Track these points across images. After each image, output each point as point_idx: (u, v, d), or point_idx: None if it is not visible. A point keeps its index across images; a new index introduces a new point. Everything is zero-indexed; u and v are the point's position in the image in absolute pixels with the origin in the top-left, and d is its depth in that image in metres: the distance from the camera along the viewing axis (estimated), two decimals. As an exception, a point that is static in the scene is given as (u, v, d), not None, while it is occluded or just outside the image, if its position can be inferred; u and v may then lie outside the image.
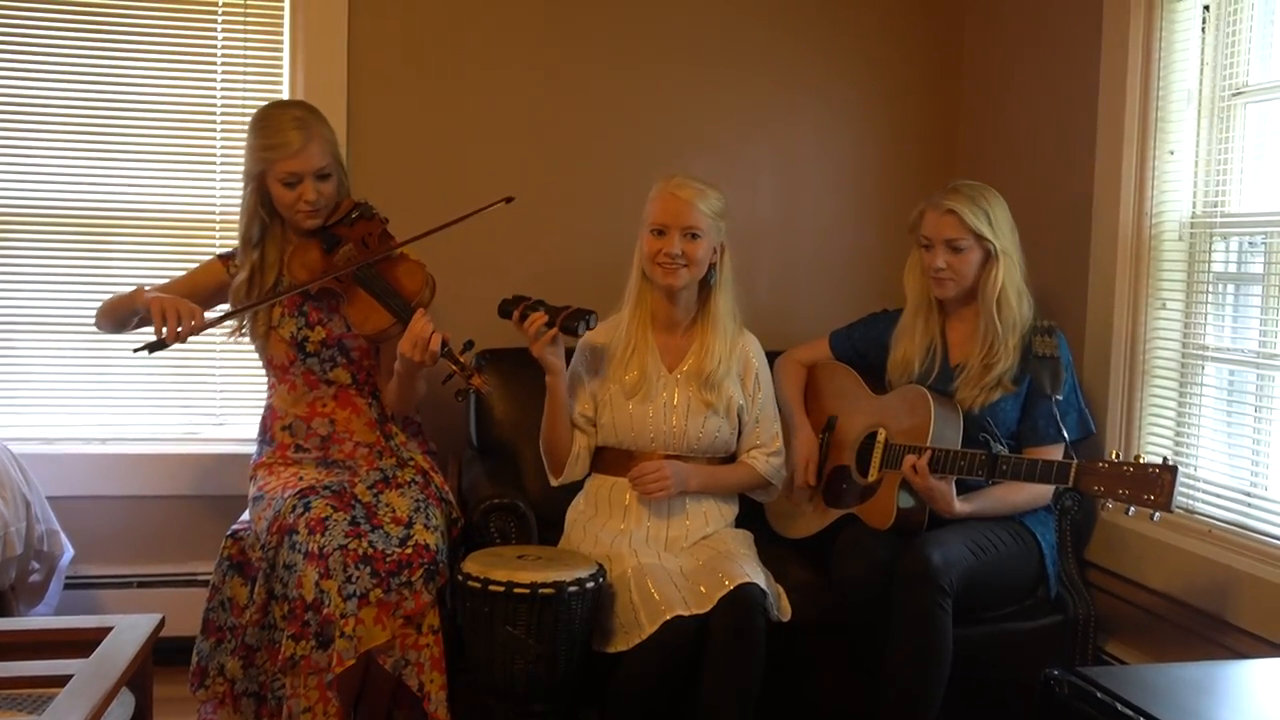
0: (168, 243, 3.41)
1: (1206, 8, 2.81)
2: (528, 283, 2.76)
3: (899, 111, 3.72)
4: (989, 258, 2.77)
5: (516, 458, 3.15)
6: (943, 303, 2.88)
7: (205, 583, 2.76)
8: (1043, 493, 2.78)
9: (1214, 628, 2.66)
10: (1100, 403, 3.00)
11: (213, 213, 3.43)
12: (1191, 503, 2.82)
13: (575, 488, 2.88)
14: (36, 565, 3.01)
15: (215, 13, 3.38)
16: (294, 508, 2.54)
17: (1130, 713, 1.77)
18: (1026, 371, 2.78)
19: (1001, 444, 2.67)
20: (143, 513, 3.37)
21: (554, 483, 2.83)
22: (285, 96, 3.36)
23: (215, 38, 3.39)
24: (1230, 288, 2.81)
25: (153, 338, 2.58)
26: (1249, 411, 2.74)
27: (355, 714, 2.65)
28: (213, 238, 3.41)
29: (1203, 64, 2.83)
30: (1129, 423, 2.99)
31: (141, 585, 3.34)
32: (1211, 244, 2.81)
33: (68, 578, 3.15)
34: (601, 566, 2.57)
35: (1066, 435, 2.74)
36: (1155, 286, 2.95)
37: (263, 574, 2.56)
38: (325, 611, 2.43)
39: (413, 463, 2.80)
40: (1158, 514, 2.39)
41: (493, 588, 2.45)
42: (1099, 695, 1.83)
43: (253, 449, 2.90)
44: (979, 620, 2.70)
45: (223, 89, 3.40)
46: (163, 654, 2.23)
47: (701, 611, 2.46)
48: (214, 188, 3.42)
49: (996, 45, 3.59)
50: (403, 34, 3.43)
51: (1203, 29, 2.82)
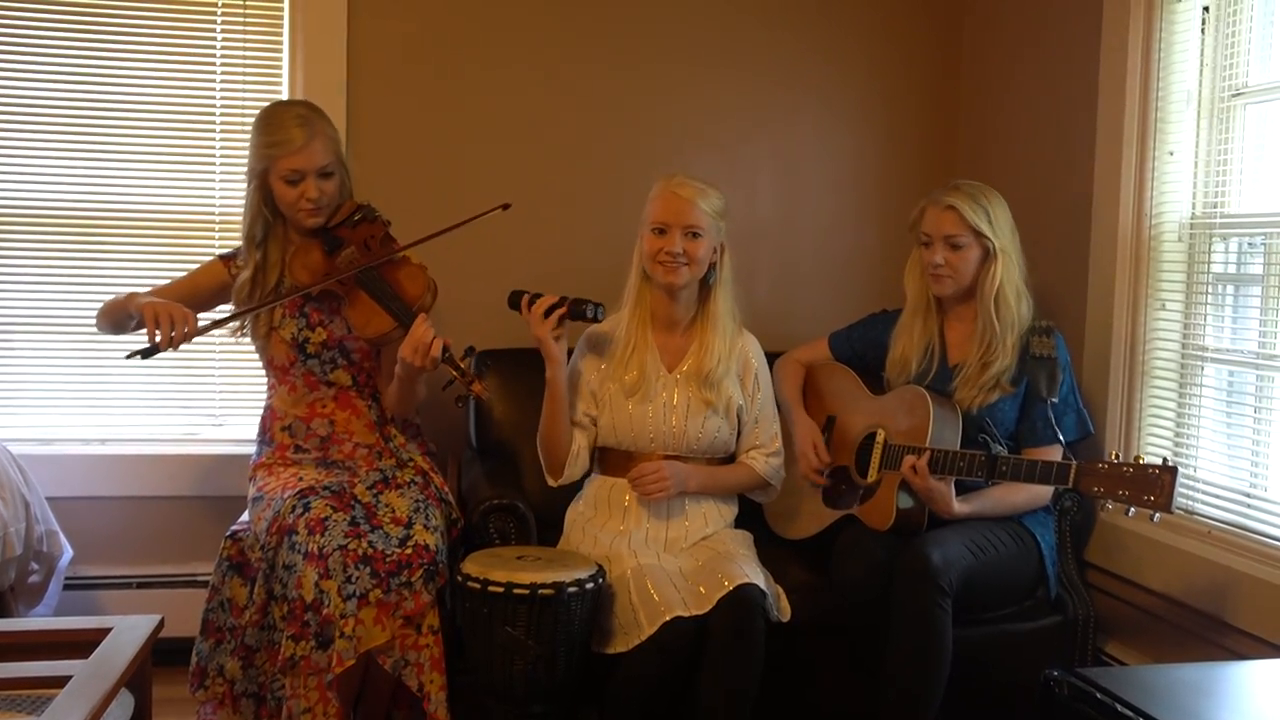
0: (167, 243, 3.41)
1: (1206, 8, 2.81)
2: (528, 283, 2.75)
3: (899, 112, 3.72)
4: (988, 256, 2.77)
5: (516, 458, 3.15)
6: (941, 302, 2.88)
7: (205, 583, 2.76)
8: (1042, 493, 2.78)
9: (1213, 629, 2.66)
10: (1100, 403, 3.00)
11: (212, 213, 3.43)
12: (1191, 503, 2.82)
13: (574, 488, 2.87)
14: (36, 566, 3.01)
15: (215, 13, 3.38)
16: (293, 508, 2.54)
17: (1130, 713, 1.77)
18: (1024, 372, 2.78)
19: (1001, 445, 2.68)
20: (142, 513, 3.37)
21: (552, 483, 2.81)
22: (285, 97, 3.36)
23: (214, 38, 3.39)
24: (1230, 288, 2.81)
25: (147, 343, 2.58)
26: (1248, 412, 2.74)
27: (355, 714, 2.65)
28: (212, 238, 3.41)
29: (1202, 64, 2.83)
30: (1128, 423, 2.99)
31: (141, 586, 3.34)
32: (1211, 245, 2.81)
33: (67, 578, 3.14)
34: (601, 567, 2.57)
35: (1063, 437, 2.75)
36: (1155, 287, 2.95)
37: (262, 574, 2.56)
38: (325, 612, 2.43)
39: (412, 463, 2.80)
40: (1158, 515, 2.40)
41: (492, 588, 2.45)
42: (1098, 696, 1.83)
43: (252, 450, 2.90)
44: (979, 621, 2.70)
45: (222, 90, 3.40)
46: (162, 655, 2.23)
47: (701, 612, 2.45)
48: (213, 188, 3.42)
49: (996, 46, 3.59)
50: (402, 34, 3.43)
51: (1202, 30, 2.82)
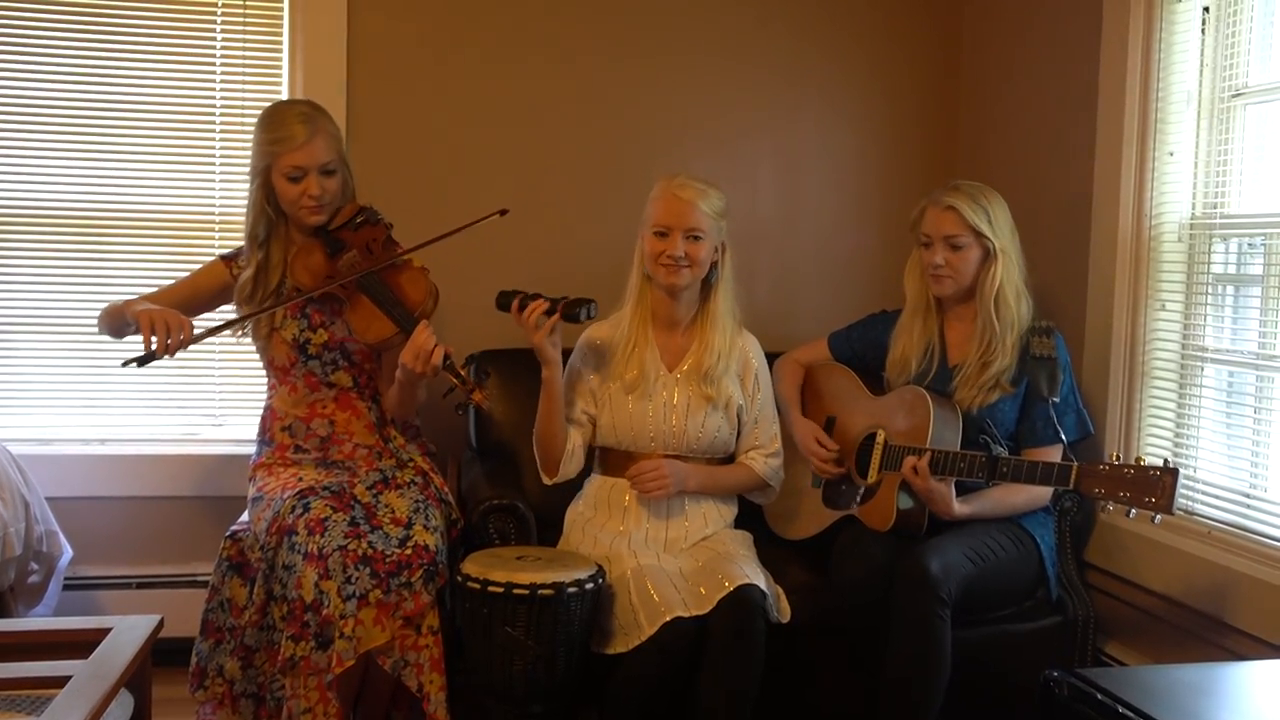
0: (167, 243, 3.41)
1: (1206, 9, 2.81)
2: (528, 283, 2.75)
3: (901, 110, 3.72)
4: (988, 256, 2.77)
5: (516, 459, 3.15)
6: (941, 303, 2.88)
7: (204, 584, 2.76)
8: (1042, 494, 2.78)
9: (1213, 629, 2.66)
10: (1099, 404, 3.00)
11: (212, 213, 3.42)
12: (1191, 504, 2.82)
13: (574, 488, 2.87)
14: (35, 566, 3.00)
15: (214, 14, 3.38)
16: (293, 508, 2.54)
17: (1130, 714, 1.77)
18: (1024, 373, 2.78)
19: (1001, 445, 2.68)
20: (142, 513, 3.36)
21: (547, 481, 2.80)
22: (285, 97, 3.36)
23: (214, 39, 3.39)
24: (1230, 289, 2.81)
25: (143, 350, 2.57)
26: (1248, 413, 2.74)
27: (355, 715, 2.65)
28: (212, 238, 3.41)
29: (1202, 65, 2.83)
30: (1128, 424, 2.99)
31: (140, 586, 3.34)
32: (1211, 245, 2.80)
33: (66, 579, 3.14)
34: (601, 568, 2.57)
35: (1064, 437, 2.74)
36: (1155, 288, 2.95)
37: (262, 575, 2.56)
38: (325, 612, 2.43)
39: (412, 464, 2.80)
40: (1159, 516, 2.39)
41: (492, 589, 2.45)
42: (1099, 697, 1.83)
43: (252, 450, 2.90)
44: (979, 622, 2.69)
45: (222, 90, 3.40)
46: (162, 655, 2.23)
47: (701, 613, 2.45)
48: (213, 188, 3.42)
49: (996, 45, 3.59)
50: (402, 34, 3.43)
51: (1202, 30, 2.82)
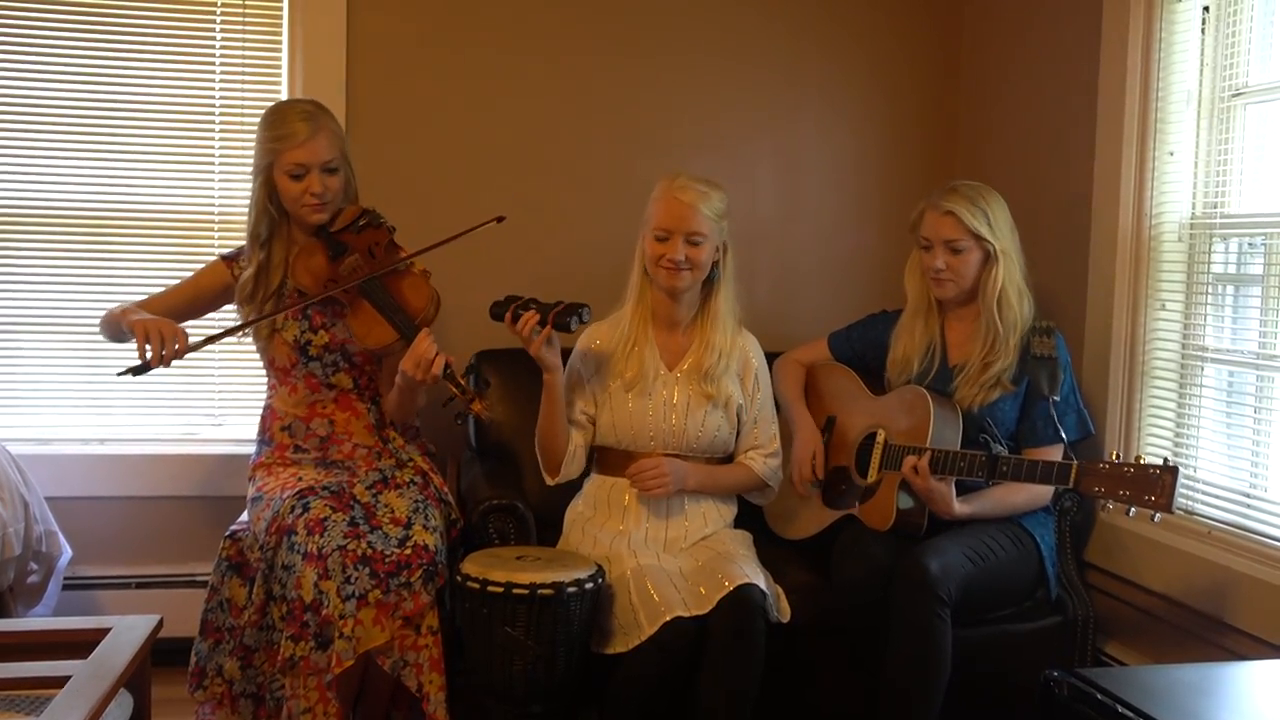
0: (166, 243, 3.41)
1: (1206, 8, 2.80)
2: (528, 284, 2.75)
3: (900, 110, 3.71)
4: (989, 258, 2.76)
5: (515, 459, 3.15)
6: (942, 303, 2.88)
7: (204, 584, 2.76)
8: (1042, 493, 2.78)
9: (1213, 629, 2.66)
10: (1099, 404, 2.99)
11: (211, 213, 3.42)
12: (1191, 504, 2.81)
13: (574, 488, 2.87)
14: (35, 566, 3.00)
15: (214, 13, 3.37)
16: (292, 508, 2.54)
17: (1130, 714, 1.77)
18: (1025, 372, 2.78)
19: (1001, 444, 2.67)
20: (141, 513, 3.36)
21: (550, 482, 2.81)
22: (284, 97, 3.35)
23: (214, 38, 3.38)
24: (1230, 289, 2.81)
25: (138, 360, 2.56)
26: (1248, 413, 2.74)
27: (354, 715, 2.65)
28: (211, 238, 3.41)
29: (1202, 64, 2.83)
30: (1128, 424, 2.98)
31: (140, 586, 3.33)
32: (1211, 245, 2.80)
33: (66, 578, 3.14)
34: (601, 567, 2.57)
35: (1065, 436, 2.74)
36: (1155, 287, 2.95)
37: (261, 575, 2.55)
38: (324, 612, 2.43)
39: (412, 464, 2.80)
40: (1158, 515, 2.39)
41: (491, 589, 2.45)
42: (1099, 697, 1.83)
43: (251, 449, 2.90)
44: (979, 621, 2.69)
45: (221, 89, 3.40)
46: (161, 655, 2.22)
47: (701, 613, 2.45)
48: (213, 188, 3.42)
49: (996, 45, 3.59)
50: (402, 34, 3.43)
51: (1202, 29, 2.82)
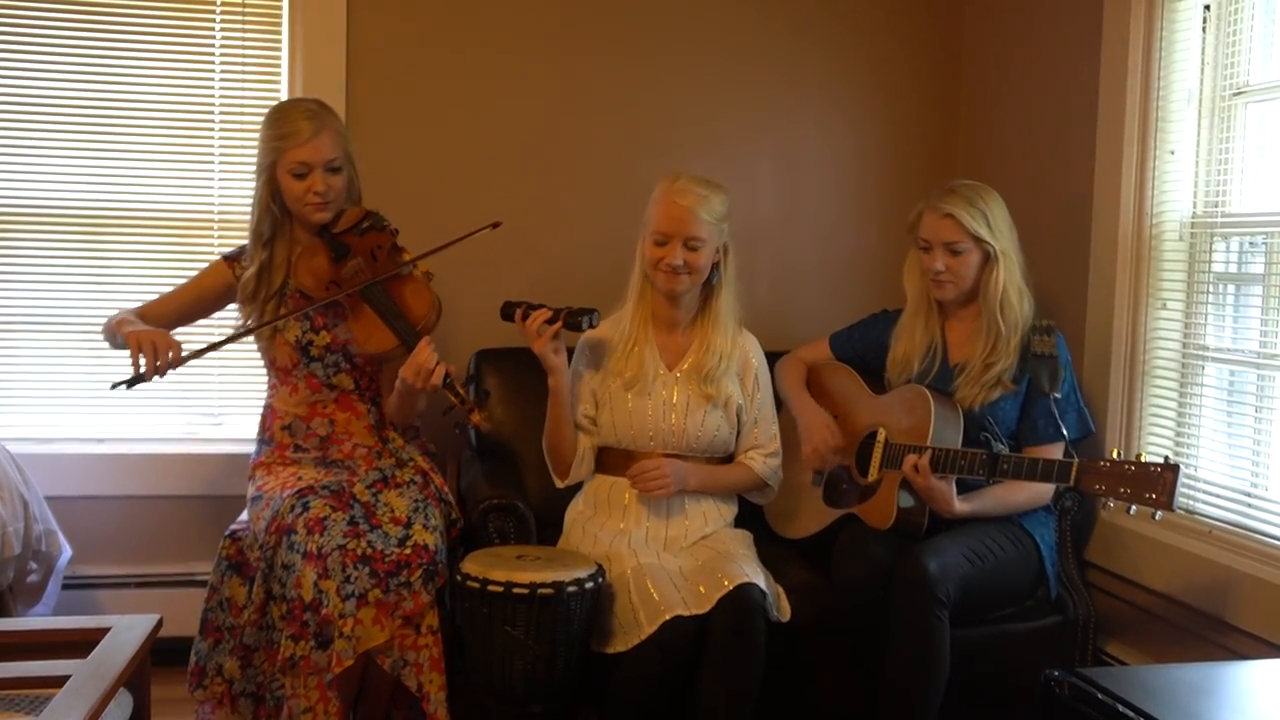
0: (166, 243, 3.41)
1: (1207, 7, 2.80)
2: (528, 285, 2.76)
3: (900, 110, 3.71)
4: (988, 259, 2.76)
5: (515, 458, 3.15)
6: (942, 303, 2.87)
7: (203, 583, 2.76)
8: (1043, 492, 2.77)
9: (1214, 628, 2.66)
10: (1100, 403, 2.99)
11: (211, 212, 3.42)
12: (1191, 503, 2.81)
13: (574, 488, 2.87)
14: (34, 565, 3.00)
15: (214, 12, 3.37)
16: (292, 507, 2.54)
17: (1130, 714, 1.77)
18: (1025, 371, 2.77)
19: (1002, 443, 2.67)
20: (141, 513, 3.36)
21: (560, 484, 2.81)
22: (284, 96, 3.35)
23: (214, 37, 3.38)
24: (1230, 288, 2.81)
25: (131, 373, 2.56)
26: (1249, 412, 2.74)
27: (354, 714, 2.65)
28: (211, 238, 3.41)
29: (1203, 64, 2.83)
30: (1129, 423, 2.98)
31: (139, 585, 3.33)
32: (1212, 244, 2.80)
33: (65, 578, 3.14)
34: (601, 567, 2.57)
35: (1066, 434, 2.74)
36: (1155, 287, 2.94)
37: (261, 574, 2.55)
38: (324, 612, 2.43)
39: (412, 463, 2.80)
40: (1159, 513, 2.39)
41: (491, 588, 2.44)
42: (1099, 696, 1.83)
43: (251, 449, 2.90)
44: (978, 622, 2.69)
45: (221, 89, 3.40)
46: (161, 654, 2.22)
47: (701, 612, 2.45)
48: (212, 187, 3.41)
49: (996, 44, 3.58)
50: (402, 33, 3.43)
51: (1203, 29, 2.82)
